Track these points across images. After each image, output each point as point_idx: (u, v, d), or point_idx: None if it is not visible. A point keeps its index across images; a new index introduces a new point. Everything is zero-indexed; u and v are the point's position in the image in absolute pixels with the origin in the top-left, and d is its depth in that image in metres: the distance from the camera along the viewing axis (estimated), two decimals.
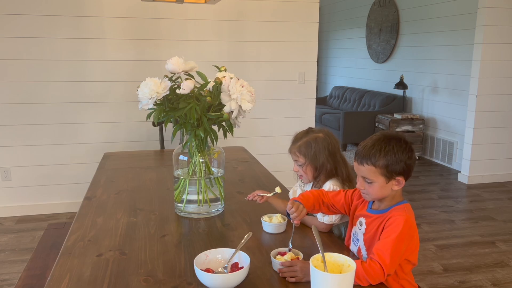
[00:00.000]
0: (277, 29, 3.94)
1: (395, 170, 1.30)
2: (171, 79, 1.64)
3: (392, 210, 1.34)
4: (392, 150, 1.30)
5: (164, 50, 3.70)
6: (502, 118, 4.62)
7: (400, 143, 1.32)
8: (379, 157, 1.30)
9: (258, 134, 4.06)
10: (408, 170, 1.32)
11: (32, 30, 3.45)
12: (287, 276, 1.25)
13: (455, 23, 5.08)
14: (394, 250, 1.23)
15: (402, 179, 1.32)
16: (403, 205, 1.35)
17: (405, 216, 1.29)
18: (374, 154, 1.30)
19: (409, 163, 1.31)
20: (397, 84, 5.69)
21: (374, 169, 1.31)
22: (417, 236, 1.35)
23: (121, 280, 1.26)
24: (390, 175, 1.30)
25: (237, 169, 2.45)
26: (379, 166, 1.30)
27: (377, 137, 1.35)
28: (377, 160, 1.30)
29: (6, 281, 2.65)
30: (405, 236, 1.26)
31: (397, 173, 1.31)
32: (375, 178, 1.31)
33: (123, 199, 1.95)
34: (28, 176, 3.67)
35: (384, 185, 1.32)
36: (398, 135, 1.35)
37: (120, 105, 3.72)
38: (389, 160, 1.29)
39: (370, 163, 1.31)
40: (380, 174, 1.30)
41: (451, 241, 3.25)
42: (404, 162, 1.30)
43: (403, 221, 1.27)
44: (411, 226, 1.29)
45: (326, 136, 1.69)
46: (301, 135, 1.72)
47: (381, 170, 1.30)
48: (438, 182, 4.72)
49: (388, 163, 1.29)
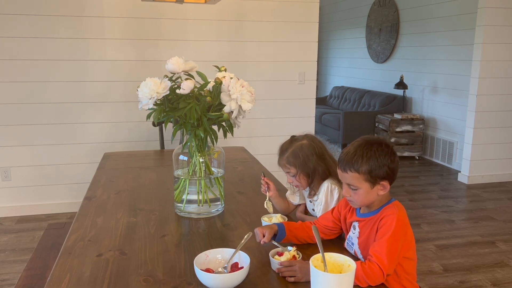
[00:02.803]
0: (277, 29, 3.94)
1: (379, 175, 1.30)
2: (171, 79, 1.64)
3: (383, 210, 1.34)
4: (374, 155, 1.29)
5: (164, 50, 3.70)
6: (502, 118, 4.62)
7: (382, 147, 1.31)
8: (361, 163, 1.29)
9: (258, 134, 4.06)
10: (392, 173, 1.32)
11: (32, 30, 3.45)
12: (286, 276, 1.26)
13: (455, 23, 5.08)
14: (390, 250, 1.23)
15: (387, 183, 1.32)
16: (392, 203, 1.36)
17: (397, 214, 1.29)
18: (357, 160, 1.29)
19: (392, 167, 1.31)
20: (397, 84, 5.69)
21: (358, 175, 1.30)
22: (410, 231, 1.35)
23: (121, 280, 1.26)
24: (374, 180, 1.30)
25: (237, 169, 2.45)
26: (363, 172, 1.29)
27: (358, 143, 1.34)
28: (360, 166, 1.29)
29: (6, 281, 2.64)
30: (399, 234, 1.27)
31: (381, 178, 1.30)
32: (360, 184, 1.31)
33: (123, 199, 1.95)
34: (28, 176, 3.67)
35: (369, 191, 1.31)
36: (379, 139, 1.35)
37: (120, 105, 3.72)
38: (372, 165, 1.29)
39: (353, 169, 1.30)
40: (364, 180, 1.30)
41: (451, 241, 3.25)
42: (387, 166, 1.30)
43: (396, 220, 1.27)
44: (403, 223, 1.30)
45: (310, 141, 1.69)
46: (286, 146, 1.71)
47: (365, 176, 1.30)
48: (438, 182, 4.72)
49: (371, 169, 1.29)
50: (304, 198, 1.81)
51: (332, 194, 1.65)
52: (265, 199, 1.74)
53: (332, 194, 1.65)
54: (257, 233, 1.41)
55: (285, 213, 1.78)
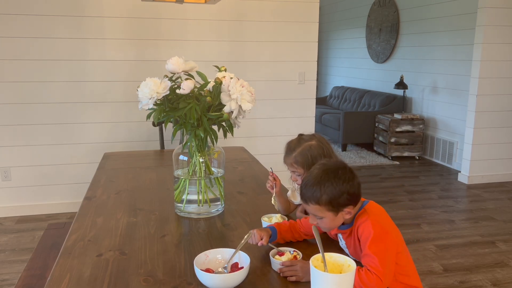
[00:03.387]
0: (277, 29, 3.94)
1: (340, 203, 1.29)
2: (171, 79, 1.64)
3: (357, 219, 1.33)
4: (332, 185, 1.28)
5: (164, 50, 3.71)
6: (502, 118, 4.62)
7: (338, 174, 1.30)
8: (320, 195, 1.28)
9: (258, 134, 4.07)
10: (354, 197, 1.31)
11: (32, 30, 3.45)
12: (287, 276, 1.26)
13: (455, 23, 5.08)
14: (380, 256, 1.22)
15: (351, 208, 1.31)
16: (364, 208, 1.34)
17: (369, 219, 1.28)
18: (315, 193, 1.28)
19: (352, 192, 1.29)
20: (397, 84, 5.69)
21: (319, 207, 1.29)
22: (393, 227, 1.34)
23: (121, 280, 1.26)
24: (337, 208, 1.29)
25: (237, 169, 2.45)
26: (323, 204, 1.28)
27: (316, 173, 1.32)
28: (319, 199, 1.28)
29: (6, 281, 2.64)
30: (381, 237, 1.25)
31: (343, 205, 1.29)
32: (323, 214, 1.30)
33: (123, 199, 1.95)
34: (28, 176, 3.67)
35: (334, 218, 1.31)
36: (337, 165, 1.33)
37: (120, 105, 3.73)
38: (331, 195, 1.27)
39: (314, 202, 1.29)
40: (327, 210, 1.29)
41: (451, 241, 3.25)
42: (347, 192, 1.28)
43: (370, 226, 1.26)
44: (380, 225, 1.28)
45: (318, 142, 1.68)
46: (294, 145, 1.70)
47: (326, 206, 1.29)
48: (438, 182, 4.72)
49: (330, 199, 1.28)
50: None
51: None
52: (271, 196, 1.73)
53: None
54: (255, 235, 1.41)
55: (286, 213, 1.78)
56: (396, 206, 3.93)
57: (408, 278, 1.38)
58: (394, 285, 1.34)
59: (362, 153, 5.98)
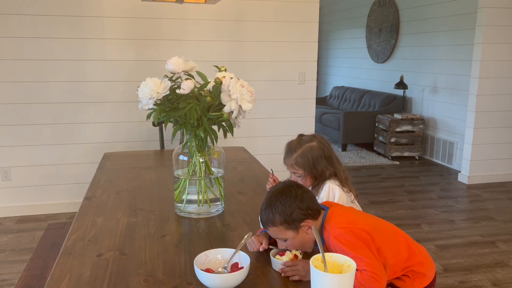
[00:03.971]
0: (277, 29, 3.94)
1: (295, 219, 1.29)
2: (171, 79, 1.64)
3: (324, 237, 1.32)
4: (282, 205, 1.29)
5: (164, 50, 3.71)
6: (502, 118, 4.62)
7: (285, 194, 1.31)
8: (273, 217, 1.29)
9: (258, 134, 4.07)
10: (309, 210, 1.31)
11: (32, 30, 3.45)
12: (289, 276, 1.26)
13: (455, 23, 5.08)
14: (361, 252, 1.21)
15: (309, 221, 1.31)
16: (324, 224, 1.33)
17: (332, 234, 1.27)
18: (269, 216, 1.31)
19: (304, 206, 1.30)
20: (397, 84, 5.69)
21: (277, 228, 1.31)
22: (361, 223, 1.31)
23: (121, 280, 1.26)
24: (294, 225, 1.30)
25: (237, 169, 2.45)
26: (279, 224, 1.30)
27: (267, 197, 1.35)
28: (274, 220, 1.30)
29: (6, 281, 2.64)
30: (352, 240, 1.24)
31: (300, 221, 1.30)
32: (285, 235, 1.31)
33: (123, 199, 1.95)
34: (28, 176, 3.67)
35: (296, 236, 1.31)
36: (284, 185, 1.36)
37: (120, 105, 3.73)
38: (282, 214, 1.29)
39: (271, 225, 1.31)
40: (285, 229, 1.30)
41: (451, 241, 3.25)
42: (298, 208, 1.29)
43: (336, 240, 1.25)
44: (344, 229, 1.27)
45: (319, 143, 1.67)
46: (294, 145, 1.69)
47: (282, 226, 1.30)
48: (438, 182, 4.72)
49: (284, 219, 1.29)
50: None
51: (333, 193, 1.64)
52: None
53: (333, 193, 1.64)
54: (253, 242, 1.41)
55: None
56: (396, 206, 3.93)
57: (401, 261, 1.35)
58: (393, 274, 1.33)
59: (362, 153, 5.98)
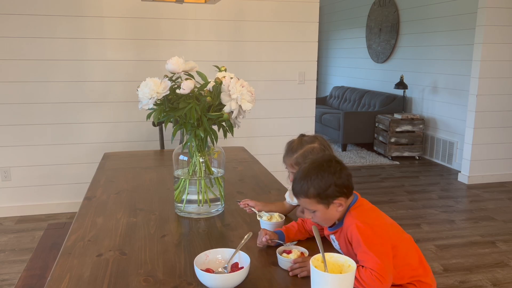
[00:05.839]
0: (277, 29, 3.94)
1: (329, 195, 1.29)
2: (171, 79, 1.64)
3: (345, 220, 1.33)
4: (317, 178, 1.29)
5: (164, 50, 3.71)
6: (502, 118, 4.62)
7: (325, 167, 1.31)
8: (308, 189, 1.30)
9: (258, 134, 4.06)
10: (344, 188, 1.31)
11: (31, 30, 3.45)
12: (297, 273, 1.26)
13: (455, 23, 5.08)
14: (374, 250, 1.21)
15: (342, 199, 1.31)
16: (351, 210, 1.34)
17: (355, 222, 1.28)
18: (303, 187, 1.31)
19: (340, 183, 1.30)
20: (397, 84, 5.69)
21: (309, 200, 1.31)
22: (383, 223, 1.33)
23: (121, 280, 1.26)
24: (327, 201, 1.30)
25: (237, 169, 2.45)
26: (312, 196, 1.30)
27: (303, 167, 1.35)
28: (307, 192, 1.30)
29: (6, 281, 2.64)
30: (373, 240, 1.24)
31: (333, 197, 1.30)
32: (314, 207, 1.32)
33: (123, 199, 1.95)
34: (28, 176, 3.67)
35: (326, 211, 1.32)
36: (324, 158, 1.35)
37: (120, 105, 3.73)
38: (317, 188, 1.29)
39: (303, 195, 1.32)
40: (316, 202, 1.31)
41: (451, 241, 3.25)
42: (334, 184, 1.29)
43: (356, 229, 1.26)
44: (367, 223, 1.27)
45: (321, 145, 1.67)
46: (295, 145, 1.67)
47: (315, 199, 1.30)
48: (438, 182, 4.72)
49: (318, 192, 1.29)
50: None
51: None
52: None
53: None
54: (261, 234, 1.44)
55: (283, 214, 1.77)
56: (396, 206, 3.93)
57: (409, 266, 1.36)
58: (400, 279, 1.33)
59: (362, 153, 5.98)
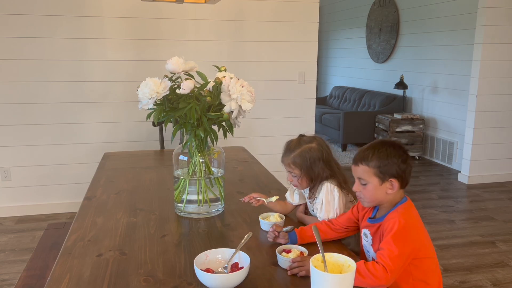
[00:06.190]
0: (277, 29, 3.94)
1: (388, 171, 1.33)
2: (171, 79, 1.64)
3: (388, 216, 1.35)
4: (385, 152, 1.34)
5: (164, 50, 3.71)
6: (502, 118, 4.62)
7: (395, 148, 1.37)
8: (372, 158, 1.34)
9: (258, 134, 4.06)
10: (403, 173, 1.35)
11: (32, 30, 3.45)
12: (296, 272, 1.26)
13: (455, 23, 5.08)
14: (393, 252, 1.23)
15: (396, 182, 1.34)
16: (399, 207, 1.36)
17: (398, 219, 1.29)
18: (368, 155, 1.36)
19: (402, 167, 1.34)
20: (397, 84, 5.69)
21: (368, 169, 1.35)
22: (421, 232, 1.36)
23: (121, 280, 1.26)
24: (384, 176, 1.34)
25: (237, 169, 2.45)
26: (372, 166, 1.34)
27: (374, 142, 1.41)
28: (370, 161, 1.35)
29: (6, 281, 2.65)
30: (402, 238, 1.26)
31: (390, 175, 1.34)
32: (369, 178, 1.35)
33: (123, 199, 1.95)
34: (28, 176, 3.67)
35: (377, 187, 1.34)
36: (394, 142, 1.40)
37: (120, 105, 3.72)
38: (381, 161, 1.34)
39: (364, 163, 1.36)
40: (374, 174, 1.34)
41: (451, 241, 3.25)
42: (397, 165, 1.33)
43: (397, 223, 1.27)
44: (407, 225, 1.29)
45: (319, 145, 1.67)
46: (294, 145, 1.68)
47: (374, 170, 1.34)
48: (438, 182, 4.72)
49: (380, 164, 1.33)
50: (305, 198, 1.81)
51: (332, 193, 1.64)
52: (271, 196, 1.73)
53: (332, 193, 1.64)
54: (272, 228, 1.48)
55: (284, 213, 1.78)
56: None
57: (426, 285, 1.37)
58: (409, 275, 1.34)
59: None
